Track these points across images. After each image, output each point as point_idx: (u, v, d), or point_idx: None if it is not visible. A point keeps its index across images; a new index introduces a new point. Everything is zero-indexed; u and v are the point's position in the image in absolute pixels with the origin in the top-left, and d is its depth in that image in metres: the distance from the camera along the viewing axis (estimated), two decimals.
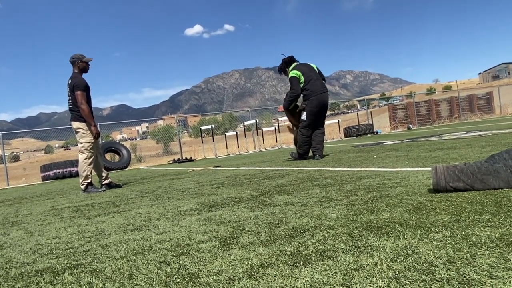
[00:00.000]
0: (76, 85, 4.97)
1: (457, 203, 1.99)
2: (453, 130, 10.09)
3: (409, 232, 1.60)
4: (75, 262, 1.81)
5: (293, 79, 5.96)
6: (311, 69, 6.05)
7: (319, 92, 5.90)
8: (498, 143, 4.95)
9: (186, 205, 3.01)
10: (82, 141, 5.05)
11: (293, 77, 5.96)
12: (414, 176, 3.04)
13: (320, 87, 5.94)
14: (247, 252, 1.60)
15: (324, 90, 5.97)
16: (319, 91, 5.91)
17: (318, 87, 5.91)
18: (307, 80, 5.91)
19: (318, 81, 5.96)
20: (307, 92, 5.92)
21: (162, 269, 1.54)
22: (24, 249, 2.22)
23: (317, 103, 5.88)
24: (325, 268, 1.32)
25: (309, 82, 5.89)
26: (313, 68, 6.09)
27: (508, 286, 1.03)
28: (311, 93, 5.88)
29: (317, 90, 5.89)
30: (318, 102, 5.89)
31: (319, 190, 2.97)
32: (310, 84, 5.89)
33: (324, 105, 5.98)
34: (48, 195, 5.55)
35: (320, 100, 5.89)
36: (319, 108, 5.92)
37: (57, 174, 10.53)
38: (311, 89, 5.88)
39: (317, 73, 6.06)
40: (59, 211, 3.63)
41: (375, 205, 2.18)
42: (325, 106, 6.01)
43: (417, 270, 1.21)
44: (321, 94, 5.91)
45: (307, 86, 5.90)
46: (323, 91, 5.95)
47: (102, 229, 2.50)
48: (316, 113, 5.94)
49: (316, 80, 5.94)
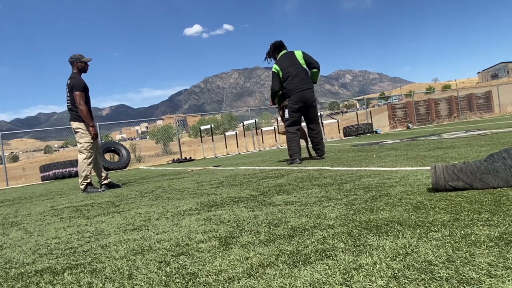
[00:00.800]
0: (75, 86, 4.96)
1: (456, 202, 2.00)
2: (452, 129, 10.09)
3: (409, 231, 1.61)
4: (75, 262, 1.81)
5: (272, 74, 5.72)
6: (292, 63, 5.64)
7: (298, 90, 5.57)
8: (497, 142, 4.95)
9: (185, 205, 3.01)
10: (81, 141, 5.05)
11: (273, 72, 5.71)
12: (414, 176, 3.04)
13: (299, 84, 5.57)
14: (246, 252, 1.61)
15: (303, 87, 5.58)
16: (298, 89, 5.57)
17: (296, 84, 5.57)
18: (285, 77, 5.61)
19: (297, 78, 5.57)
20: (285, 91, 5.69)
21: (162, 269, 1.54)
22: (23, 249, 2.22)
23: (296, 99, 5.58)
24: (324, 268, 1.32)
25: (287, 79, 5.60)
26: (295, 61, 5.65)
27: (507, 285, 1.04)
28: (289, 92, 5.62)
29: (295, 88, 5.57)
30: (298, 98, 5.58)
31: (319, 189, 2.97)
32: (287, 82, 5.60)
33: (306, 101, 5.61)
34: (47, 195, 5.55)
35: (300, 96, 5.58)
36: (299, 104, 5.61)
37: (57, 174, 10.53)
38: (288, 87, 5.61)
39: (298, 66, 5.64)
40: (59, 211, 3.63)
41: (375, 205, 2.19)
42: (307, 102, 5.63)
43: (416, 269, 1.21)
44: (300, 92, 5.57)
45: (285, 84, 5.63)
46: (302, 88, 5.58)
47: (101, 229, 2.50)
48: (298, 110, 5.65)
49: (295, 77, 5.57)
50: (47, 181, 10.24)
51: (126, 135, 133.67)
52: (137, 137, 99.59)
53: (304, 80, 5.60)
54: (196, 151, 14.62)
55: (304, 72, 5.65)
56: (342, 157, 5.69)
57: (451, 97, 20.05)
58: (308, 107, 5.67)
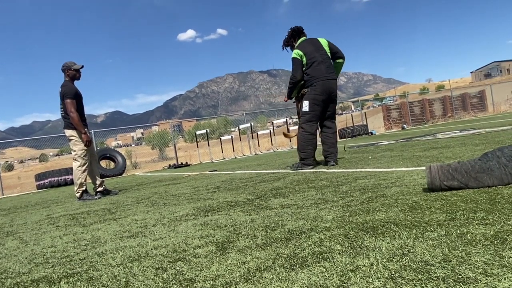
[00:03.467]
0: (65, 94, 4.95)
1: (452, 202, 2.01)
2: (447, 129, 10.14)
3: (405, 231, 1.61)
4: (71, 270, 1.80)
5: (294, 61, 4.86)
6: (317, 48, 4.86)
7: (324, 78, 4.75)
8: (491, 141, 4.98)
9: (182, 211, 3.01)
10: (75, 148, 5.03)
11: (294, 59, 4.86)
12: (409, 176, 3.05)
13: (325, 71, 4.77)
14: (243, 256, 1.60)
15: (330, 76, 4.80)
16: (324, 77, 4.76)
17: (323, 71, 4.76)
18: (310, 63, 4.79)
19: (323, 65, 4.79)
20: (308, 78, 4.82)
21: (159, 275, 1.53)
22: (19, 258, 2.20)
23: (321, 89, 4.75)
24: (321, 270, 1.32)
25: (311, 65, 4.78)
26: (320, 47, 4.88)
27: (503, 283, 1.04)
28: (313, 79, 4.77)
29: (321, 75, 4.75)
30: (323, 88, 4.75)
31: (315, 192, 2.97)
32: (312, 68, 4.78)
33: (330, 93, 4.81)
34: (43, 204, 5.51)
35: (325, 86, 4.76)
36: (324, 96, 4.78)
37: (52, 182, 10.47)
38: (312, 74, 4.77)
39: (325, 52, 4.88)
40: (55, 220, 3.61)
41: (371, 206, 2.19)
42: (331, 94, 4.83)
43: (413, 270, 1.21)
44: (327, 80, 4.76)
45: (308, 70, 4.80)
46: (329, 77, 4.79)
47: (98, 237, 2.49)
48: (322, 102, 4.80)
49: (321, 63, 4.77)
50: (43, 190, 10.17)
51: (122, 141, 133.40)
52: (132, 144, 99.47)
53: (330, 68, 4.87)
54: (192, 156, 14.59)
55: (330, 61, 4.93)
56: (338, 158, 5.69)
57: (445, 97, 20.15)
58: (331, 101, 4.91)
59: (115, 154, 12.17)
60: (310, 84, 4.79)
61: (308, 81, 4.82)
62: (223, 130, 42.73)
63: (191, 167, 10.29)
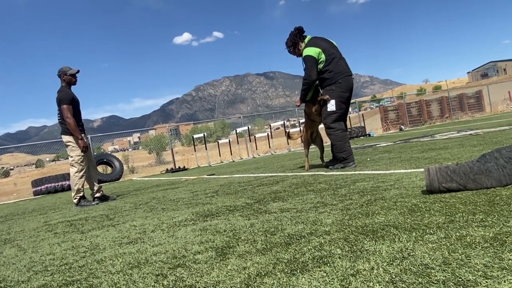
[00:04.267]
0: (62, 99, 4.94)
1: (451, 204, 2.02)
2: (445, 130, 10.18)
3: (404, 234, 1.62)
4: (71, 278, 1.80)
5: (308, 58, 4.57)
6: (331, 44, 4.70)
7: (347, 74, 4.61)
8: (489, 141, 5.00)
9: (181, 216, 3.01)
10: (72, 154, 5.02)
11: (309, 57, 4.56)
12: (408, 178, 3.06)
13: (346, 67, 4.65)
14: (243, 262, 1.61)
15: (350, 72, 4.67)
16: (347, 73, 4.62)
17: (344, 67, 4.62)
18: (330, 58, 4.56)
19: (343, 60, 4.66)
20: (329, 75, 4.58)
21: (159, 282, 1.53)
22: (18, 267, 2.20)
23: (346, 86, 4.58)
24: (322, 275, 1.32)
25: (332, 61, 4.56)
26: (332, 43, 4.73)
27: (503, 286, 1.05)
28: (336, 75, 4.55)
29: (343, 70, 4.59)
30: (347, 85, 4.59)
31: (314, 195, 2.98)
32: (333, 64, 4.56)
33: (352, 90, 4.70)
34: (40, 211, 5.50)
35: (349, 82, 4.61)
36: (348, 93, 4.63)
37: (49, 188, 10.44)
38: (336, 70, 4.56)
39: (338, 49, 4.75)
40: (52, 227, 3.60)
41: (370, 209, 2.20)
42: (352, 92, 4.72)
43: (413, 273, 1.22)
44: (349, 76, 4.63)
45: (329, 66, 4.56)
46: (349, 73, 4.66)
47: (96, 244, 2.48)
48: (347, 100, 4.64)
49: (340, 59, 4.63)
50: (40, 196, 10.14)
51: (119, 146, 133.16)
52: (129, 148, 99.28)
53: (348, 66, 4.71)
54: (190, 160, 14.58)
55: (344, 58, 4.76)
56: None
57: (442, 98, 20.23)
58: (350, 99, 4.76)
59: (112, 159, 12.15)
60: (334, 82, 4.57)
61: (332, 78, 4.58)
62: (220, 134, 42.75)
63: (188, 171, 10.28)
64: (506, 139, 4.95)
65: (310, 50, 4.56)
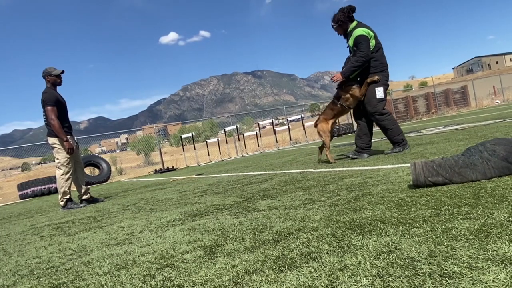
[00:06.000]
0: (46, 100, 4.87)
1: (437, 197, 2.04)
2: (431, 125, 10.29)
3: (391, 229, 1.63)
4: (57, 281, 1.77)
5: (364, 38, 4.47)
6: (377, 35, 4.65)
7: (387, 66, 4.64)
8: (474, 135, 5.07)
9: (169, 216, 2.99)
10: (58, 156, 4.95)
11: (364, 37, 4.47)
12: (395, 173, 3.09)
13: (386, 61, 4.67)
14: (232, 260, 1.60)
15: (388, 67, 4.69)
16: (387, 65, 4.65)
17: (386, 60, 4.65)
18: (377, 47, 4.55)
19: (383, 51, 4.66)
20: (375, 63, 4.55)
21: (147, 282, 1.52)
22: (3, 271, 2.17)
23: (388, 76, 4.63)
24: (310, 271, 1.33)
25: (379, 50, 4.57)
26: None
27: (488, 277, 1.06)
28: (381, 65, 4.57)
29: (386, 63, 4.63)
30: (388, 76, 4.64)
31: (302, 192, 2.99)
32: (380, 53, 4.57)
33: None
34: (26, 214, 5.42)
35: (388, 76, 4.65)
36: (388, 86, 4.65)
37: (35, 191, 10.30)
38: (381, 60, 4.58)
39: None
40: (39, 230, 3.55)
41: (358, 204, 2.21)
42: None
43: (400, 266, 1.23)
44: (387, 70, 4.65)
45: (376, 54, 4.54)
46: (388, 67, 4.67)
47: (83, 246, 2.46)
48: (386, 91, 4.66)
49: (383, 51, 4.65)
50: (26, 199, 10.00)
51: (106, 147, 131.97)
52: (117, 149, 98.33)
53: None
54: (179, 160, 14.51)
55: None
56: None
57: (428, 94, 20.44)
58: None
59: (100, 160, 12.03)
60: (380, 70, 4.55)
61: (376, 67, 4.55)
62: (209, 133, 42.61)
63: (177, 172, 10.23)
64: (491, 133, 5.02)
65: (365, 30, 4.49)
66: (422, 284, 1.09)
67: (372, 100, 4.55)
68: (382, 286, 1.12)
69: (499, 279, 1.04)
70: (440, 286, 1.06)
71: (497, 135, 4.57)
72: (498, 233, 1.37)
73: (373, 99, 4.54)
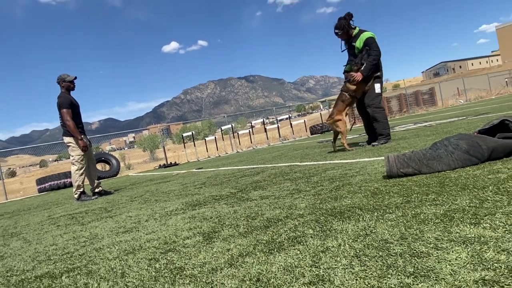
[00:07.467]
0: (61, 104, 4.83)
1: (408, 186, 2.05)
2: (403, 123, 10.34)
3: (368, 214, 1.64)
4: (72, 265, 1.76)
5: (374, 40, 4.63)
6: None
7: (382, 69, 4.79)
8: (441, 131, 5.11)
9: (172, 206, 2.98)
10: (73, 154, 4.91)
11: (373, 39, 4.63)
12: (371, 165, 3.10)
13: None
14: (227, 244, 1.60)
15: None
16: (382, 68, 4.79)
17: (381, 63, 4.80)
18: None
19: None
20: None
21: (152, 265, 1.52)
22: (23, 257, 2.15)
23: (382, 78, 4.79)
24: (296, 253, 1.33)
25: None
26: None
27: (451, 256, 1.07)
28: (381, 68, 4.78)
29: (381, 65, 4.78)
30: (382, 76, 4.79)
31: (290, 183, 2.99)
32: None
33: None
34: (44, 206, 5.37)
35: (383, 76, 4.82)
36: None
37: (52, 186, 10.22)
38: (380, 65, 4.77)
39: None
40: (55, 220, 3.52)
41: (338, 193, 2.22)
42: None
43: (375, 248, 1.24)
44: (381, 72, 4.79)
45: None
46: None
47: (95, 234, 2.44)
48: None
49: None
50: (44, 193, 9.92)
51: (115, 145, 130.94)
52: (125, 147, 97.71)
53: None
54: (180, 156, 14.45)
55: None
56: (310, 153, 5.74)
57: (401, 95, 20.54)
58: None
59: (110, 157, 11.95)
60: (380, 70, 4.70)
61: (378, 69, 4.68)
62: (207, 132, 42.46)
63: (179, 166, 10.19)
64: (455, 129, 5.06)
65: (371, 33, 4.63)
66: (394, 263, 1.10)
67: (371, 93, 4.70)
68: (359, 265, 1.13)
69: (461, 258, 1.05)
70: (410, 264, 1.07)
71: (460, 131, 4.60)
72: (461, 217, 1.38)
73: (374, 93, 4.69)
